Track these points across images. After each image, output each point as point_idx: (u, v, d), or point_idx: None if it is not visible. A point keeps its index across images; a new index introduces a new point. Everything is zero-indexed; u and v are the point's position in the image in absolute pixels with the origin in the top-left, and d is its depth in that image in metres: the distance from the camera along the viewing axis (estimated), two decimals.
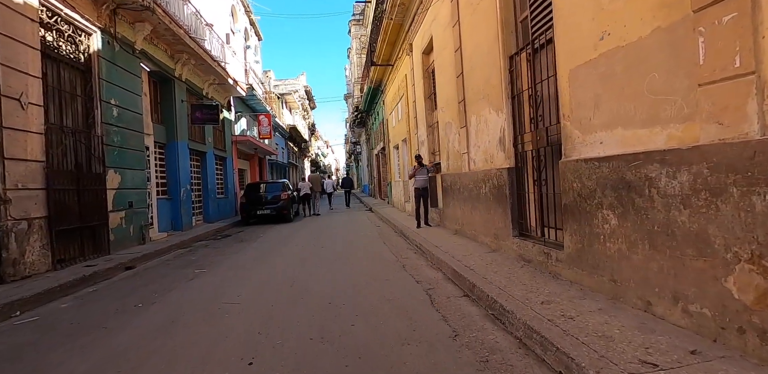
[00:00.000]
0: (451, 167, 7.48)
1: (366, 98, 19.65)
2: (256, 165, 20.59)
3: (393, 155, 15.34)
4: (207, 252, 7.65)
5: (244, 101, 18.16)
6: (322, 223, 12.40)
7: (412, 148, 11.36)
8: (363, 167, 35.81)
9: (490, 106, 5.44)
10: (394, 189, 15.44)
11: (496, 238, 5.43)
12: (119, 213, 7.67)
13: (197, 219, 12.45)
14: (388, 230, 9.74)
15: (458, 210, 7.13)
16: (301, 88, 44.96)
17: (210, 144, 13.30)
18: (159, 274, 5.77)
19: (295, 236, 9.42)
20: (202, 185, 12.89)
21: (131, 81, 8.42)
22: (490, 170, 5.52)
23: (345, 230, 10.10)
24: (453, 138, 7.25)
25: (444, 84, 7.68)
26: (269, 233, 10.28)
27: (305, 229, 10.92)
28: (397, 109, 13.50)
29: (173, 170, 10.65)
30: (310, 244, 7.98)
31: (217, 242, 9.19)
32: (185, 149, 11.16)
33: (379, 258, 6.14)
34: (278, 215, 12.70)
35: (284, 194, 12.83)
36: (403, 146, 13.07)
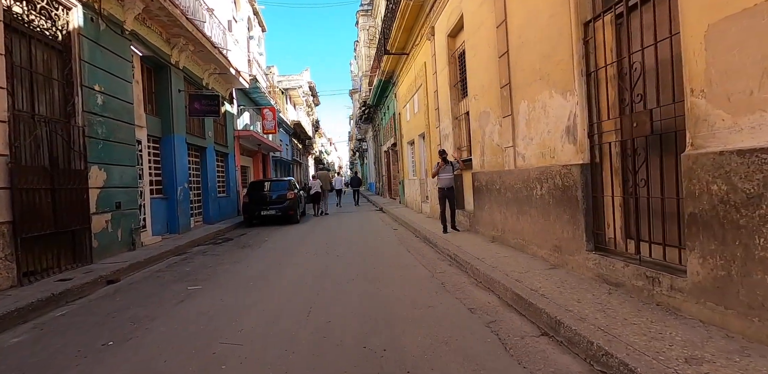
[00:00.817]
0: (488, 164, 6.45)
1: (375, 92, 18.61)
2: (259, 162, 19.60)
3: (406, 151, 14.31)
4: (204, 261, 6.65)
5: (247, 93, 17.16)
6: (333, 225, 11.40)
7: (431, 143, 10.33)
8: (369, 165, 34.79)
9: (551, 88, 4.40)
10: (407, 188, 14.42)
11: (558, 251, 4.41)
12: (104, 215, 6.68)
13: (196, 220, 11.47)
14: (407, 234, 8.72)
15: (497, 214, 6.10)
16: (305, 84, 43.95)
17: (210, 139, 12.30)
18: (144, 292, 4.77)
19: (304, 242, 8.42)
20: (201, 183, 11.90)
21: (119, 66, 7.41)
22: (549, 167, 4.48)
23: (360, 235, 9.09)
24: (491, 130, 6.21)
25: (478, 68, 6.64)
26: (275, 237, 9.29)
27: (315, 232, 9.92)
28: (412, 101, 12.46)
29: (169, 166, 9.66)
30: (323, 252, 6.97)
31: (217, 247, 8.20)
32: (182, 144, 10.16)
33: (409, 272, 5.13)
34: (284, 216, 11.71)
35: (290, 193, 11.84)
36: (420, 142, 12.03)
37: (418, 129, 11.81)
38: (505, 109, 5.53)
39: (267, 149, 20.19)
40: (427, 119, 10.57)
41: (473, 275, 4.71)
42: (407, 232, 9.04)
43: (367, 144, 34.67)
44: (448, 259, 5.79)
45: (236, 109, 15.33)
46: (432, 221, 9.72)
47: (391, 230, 9.46)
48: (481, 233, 6.87)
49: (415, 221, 9.93)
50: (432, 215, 10.44)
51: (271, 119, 16.35)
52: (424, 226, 8.76)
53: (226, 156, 14.07)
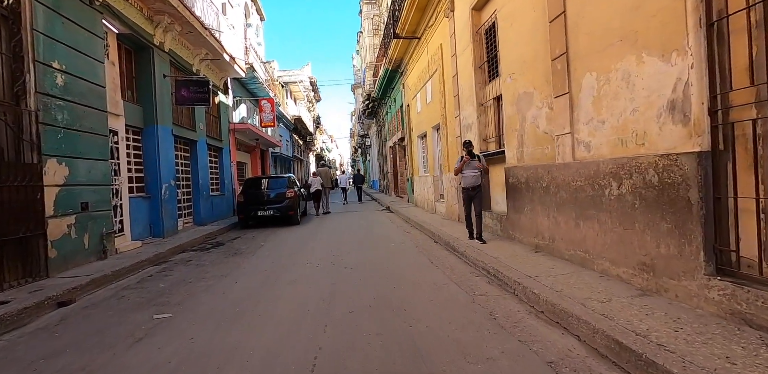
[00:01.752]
0: (529, 157, 5.30)
1: (381, 83, 17.42)
2: (257, 158, 18.47)
3: (416, 145, 13.15)
4: (185, 274, 5.52)
5: (244, 84, 16.00)
6: (337, 227, 10.26)
7: (448, 135, 9.17)
8: (372, 162, 33.64)
9: (641, 50, 3.24)
10: (417, 186, 13.27)
11: (649, 271, 3.26)
12: (65, 219, 5.56)
13: (185, 221, 10.34)
14: (424, 239, 7.58)
15: (542, 218, 4.96)
16: (306, 79, 42.82)
17: (202, 131, 11.15)
18: (95, 323, 3.64)
19: (305, 248, 7.28)
20: (191, 180, 10.76)
21: (87, 41, 6.26)
22: (635, 157, 3.33)
23: (369, 239, 7.95)
24: (535, 115, 5.05)
25: (517, 40, 5.47)
26: (272, 242, 8.15)
27: (318, 235, 8.78)
28: (424, 90, 11.29)
29: (152, 161, 8.52)
30: (328, 262, 5.84)
31: (204, 255, 7.06)
32: (168, 136, 9.02)
33: (441, 295, 3.99)
34: (283, 216, 10.57)
35: (290, 192, 10.69)
36: (433, 135, 10.87)
37: (432, 120, 10.65)
38: (560, 86, 4.37)
39: (266, 144, 19.03)
40: (443, 108, 9.40)
41: (528, 301, 3.57)
42: (423, 236, 7.89)
43: (371, 140, 33.50)
44: (484, 275, 4.65)
45: (231, 100, 14.17)
46: (449, 223, 8.58)
47: (404, 234, 8.32)
48: (518, 240, 5.72)
49: (430, 222, 8.79)
50: (448, 216, 9.30)
51: (269, 111, 15.19)
52: (442, 229, 7.61)
53: (221, 151, 12.92)
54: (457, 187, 6.05)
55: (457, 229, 7.54)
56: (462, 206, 5.94)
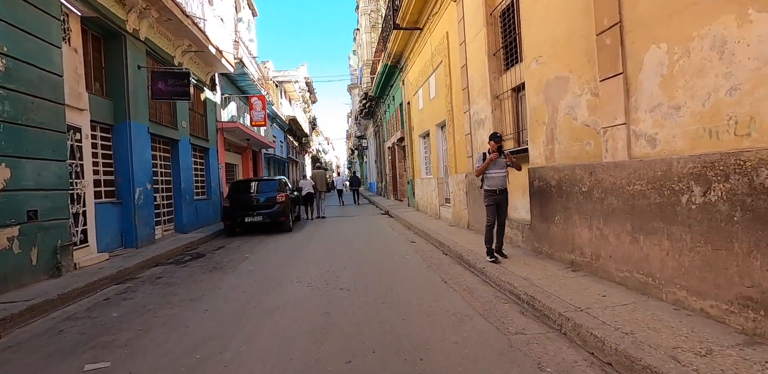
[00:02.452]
0: (562, 155, 4.42)
1: (379, 80, 16.55)
2: (248, 160, 17.52)
3: (418, 145, 12.27)
4: (148, 297, 4.59)
5: (234, 81, 15.07)
6: (332, 234, 9.34)
7: (455, 133, 8.29)
8: (370, 163, 32.75)
9: (746, 5, 2.37)
10: (418, 189, 12.38)
11: (762, 310, 2.37)
12: (5, 231, 4.62)
13: (165, 228, 9.39)
14: (431, 250, 6.67)
15: (581, 230, 4.07)
16: (301, 80, 41.99)
17: (185, 130, 10.22)
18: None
19: (296, 260, 6.36)
20: (172, 183, 9.82)
21: (38, 21, 5.33)
22: (736, 153, 2.45)
23: (369, 250, 7.04)
24: (571, 103, 4.18)
25: (545, 17, 4.60)
26: (258, 253, 7.22)
27: (311, 245, 7.86)
28: (427, 85, 10.42)
29: (124, 162, 7.58)
30: (321, 282, 4.93)
31: (179, 270, 6.13)
32: (143, 134, 8.08)
33: (466, 333, 3.08)
34: (273, 223, 9.64)
35: (281, 196, 9.76)
36: (438, 133, 9.99)
37: (436, 118, 9.77)
38: (609, 65, 3.49)
39: (258, 144, 18.10)
40: (449, 103, 8.52)
41: (586, 346, 2.67)
42: (430, 246, 6.99)
43: (368, 141, 32.63)
44: (514, 300, 3.75)
45: (220, 97, 13.25)
46: (458, 230, 7.69)
47: (408, 243, 7.41)
48: (547, 255, 4.82)
49: (435, 230, 7.89)
50: (456, 222, 8.40)
51: (260, 109, 14.26)
52: (451, 239, 6.72)
53: (207, 152, 11.98)
54: (481, 190, 5.09)
55: (469, 238, 6.65)
56: (487, 214, 4.91)
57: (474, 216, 7.37)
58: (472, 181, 7.28)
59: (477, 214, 7.19)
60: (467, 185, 7.60)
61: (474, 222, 7.39)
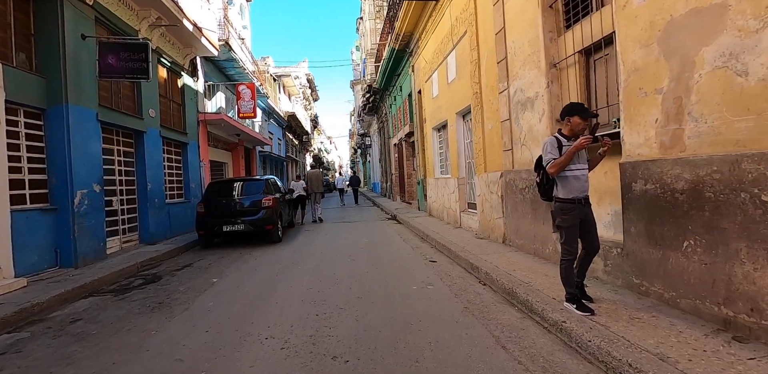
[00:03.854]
0: (701, 140, 2.65)
1: (385, 68, 14.78)
2: (240, 157, 15.80)
3: (431, 140, 10.50)
4: (32, 364, 2.87)
5: (222, 69, 13.36)
6: (330, 246, 7.58)
7: (485, 120, 6.53)
8: (373, 162, 31.02)
9: None
10: (432, 191, 10.61)
11: None
12: None
13: (126, 239, 7.67)
14: (461, 276, 4.90)
15: (757, 269, 2.30)
16: (302, 76, 40.41)
17: (153, 120, 8.50)
18: None
19: (276, 292, 4.62)
20: (137, 183, 8.09)
21: None
22: None
23: (375, 275, 5.28)
24: (735, 48, 2.41)
25: None
26: (232, 275, 5.49)
27: (300, 266, 6.11)
28: (444, 66, 8.66)
29: (60, 157, 5.88)
30: (305, 335, 3.20)
31: (111, 305, 4.40)
32: (89, 122, 6.37)
33: None
34: (258, 232, 7.91)
35: (267, 199, 8.02)
36: (459, 123, 8.22)
37: (457, 104, 8.01)
38: None
39: (251, 141, 16.39)
40: (476, 83, 6.76)
41: None
42: (457, 269, 5.22)
43: (371, 139, 30.89)
44: None
45: (202, 85, 11.53)
46: (490, 245, 5.93)
47: (427, 264, 5.65)
48: (664, 300, 3.03)
49: (460, 245, 6.14)
50: (485, 233, 6.64)
51: (249, 99, 12.51)
52: (488, 260, 4.95)
53: (185, 147, 10.26)
54: (552, 203, 3.23)
55: (511, 260, 4.89)
56: (565, 240, 3.02)
57: (514, 228, 5.61)
58: (512, 181, 5.51)
59: (519, 226, 5.42)
60: (503, 187, 5.85)
61: (514, 236, 5.63)
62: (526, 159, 5.13)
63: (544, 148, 3.17)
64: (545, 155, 3.13)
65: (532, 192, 4.95)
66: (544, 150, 3.16)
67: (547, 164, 3.10)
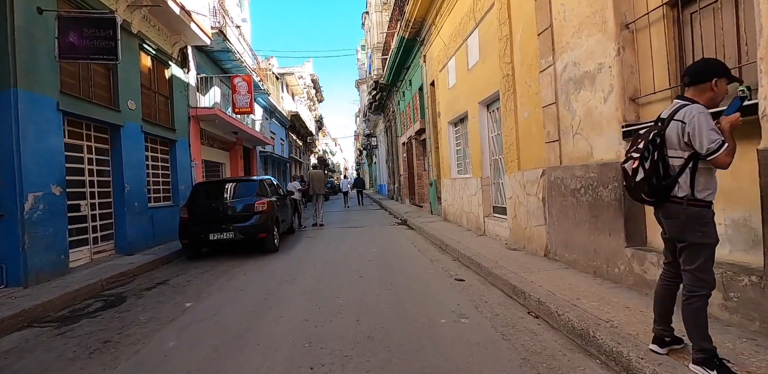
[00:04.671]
0: None
1: (394, 60, 13.71)
2: (239, 158, 14.79)
3: (447, 136, 9.40)
4: None
5: (218, 62, 12.35)
6: (333, 258, 6.50)
7: (519, 107, 5.43)
8: (380, 163, 29.96)
9: None
10: (447, 192, 9.50)
11: None
12: None
13: (98, 249, 6.64)
14: (502, 303, 3.79)
15: None
16: (307, 76, 39.55)
17: (133, 113, 7.48)
18: None
19: (262, 328, 3.55)
20: (113, 184, 7.07)
21: None
22: None
23: (390, 299, 4.18)
24: None
25: None
26: (211, 299, 4.42)
27: (296, 284, 5.02)
28: (464, 50, 7.57)
29: (4, 152, 4.87)
30: None
31: (42, 345, 3.34)
32: (47, 112, 5.36)
33: None
34: (250, 240, 6.84)
35: (261, 203, 6.96)
36: (483, 114, 7.10)
37: (480, 92, 6.91)
38: None
39: (250, 140, 15.39)
40: (507, 64, 5.66)
41: None
42: (494, 292, 4.11)
43: (377, 139, 29.86)
44: None
45: (194, 77, 10.52)
46: (527, 259, 4.80)
47: (453, 285, 4.55)
48: None
49: (492, 258, 5.03)
50: (519, 243, 5.53)
51: (245, 93, 11.48)
52: (534, 282, 3.84)
53: (173, 145, 9.24)
54: (688, 208, 2.04)
55: (566, 281, 3.77)
56: (703, 266, 1.89)
57: (561, 239, 4.49)
58: (558, 181, 4.40)
59: (569, 236, 4.31)
60: (546, 188, 4.74)
61: (561, 249, 4.51)
62: (582, 152, 4.02)
63: (697, 121, 1.95)
64: (705, 133, 1.93)
65: (591, 194, 3.84)
66: (698, 124, 1.94)
67: (716, 147, 1.91)
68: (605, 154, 3.68)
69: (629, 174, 2.22)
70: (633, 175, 2.19)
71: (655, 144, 2.13)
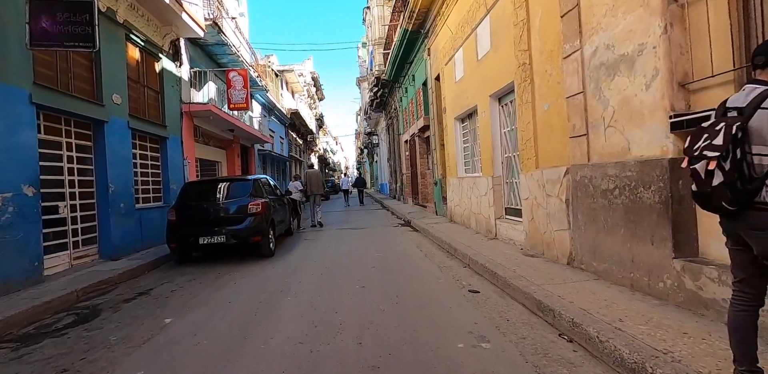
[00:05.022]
0: None
1: (396, 54, 13.19)
2: (236, 156, 14.30)
3: (454, 132, 8.89)
4: None
5: (213, 56, 11.85)
6: (332, 265, 6.00)
7: (537, 99, 4.91)
8: (381, 162, 29.47)
9: None
10: (454, 192, 9.00)
11: None
12: None
13: (79, 254, 6.16)
14: (525, 321, 3.29)
15: None
16: (307, 74, 39.04)
17: (118, 108, 6.99)
18: None
19: (250, 344, 3.06)
20: (96, 184, 6.59)
21: None
22: None
23: (396, 313, 3.70)
24: None
25: None
26: (194, 313, 3.93)
27: (292, 293, 4.54)
28: (473, 39, 7.06)
29: None
30: None
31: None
32: (17, 104, 4.86)
33: None
34: (243, 244, 6.35)
35: (255, 204, 6.46)
36: (494, 108, 6.59)
37: (491, 84, 6.40)
38: None
39: (248, 138, 14.91)
40: (523, 51, 5.15)
41: None
42: (515, 308, 3.60)
43: (379, 138, 29.34)
44: None
45: (187, 72, 10.02)
46: (547, 265, 4.30)
47: (468, 298, 4.05)
48: None
49: (507, 265, 4.53)
50: (537, 249, 5.03)
51: (241, 88, 10.97)
52: (562, 296, 3.34)
53: (164, 142, 8.75)
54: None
55: (603, 297, 3.26)
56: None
57: (589, 245, 3.99)
58: (586, 180, 3.90)
59: (599, 242, 3.80)
60: (570, 188, 4.23)
61: (589, 257, 4.01)
62: (616, 147, 3.51)
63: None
64: None
65: (628, 195, 3.34)
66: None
67: None
68: (647, 150, 3.18)
69: (702, 177, 1.76)
70: (707, 178, 1.73)
71: (737, 139, 1.66)
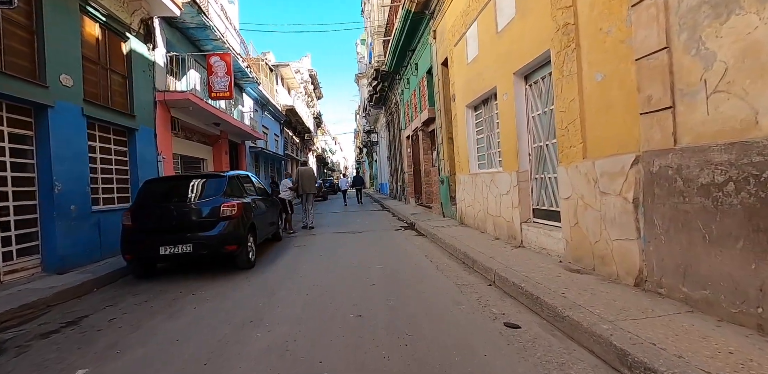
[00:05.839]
0: None
1: (398, 41, 12.04)
2: (223, 153, 13.15)
3: (466, 122, 7.74)
4: None
5: (195, 41, 10.69)
6: (322, 280, 4.87)
7: (585, 70, 3.78)
8: (381, 160, 28.31)
9: None
10: (465, 191, 7.86)
11: None
12: None
13: (12, 268, 5.01)
14: None
15: None
16: (304, 71, 37.95)
17: (68, 90, 5.85)
18: None
19: None
20: (38, 182, 5.45)
21: None
22: None
23: (409, 366, 2.55)
24: None
25: None
26: (121, 359, 2.79)
27: (264, 326, 3.41)
28: (490, 8, 5.93)
29: None
30: None
31: None
32: None
33: None
34: (214, 254, 5.21)
35: (228, 206, 5.31)
36: (519, 89, 5.43)
37: (516, 59, 5.25)
38: None
39: (237, 133, 13.78)
40: (565, 8, 4.02)
41: None
42: (587, 362, 2.48)
43: (378, 135, 28.21)
44: None
45: (163, 56, 8.88)
46: (605, 286, 3.14)
47: (508, 337, 2.92)
48: None
49: (550, 286, 3.40)
50: (580, 261, 3.88)
51: (224, 75, 9.80)
52: (669, 349, 2.21)
53: (132, 134, 7.60)
54: None
55: (717, 344, 2.10)
56: None
57: (674, 262, 2.85)
58: (673, 171, 2.77)
59: (693, 259, 2.67)
60: (640, 184, 3.11)
61: (673, 277, 2.87)
62: (729, 121, 2.38)
63: None
64: None
65: (752, 192, 2.21)
66: None
67: None
68: None
69: None
70: None
71: None
